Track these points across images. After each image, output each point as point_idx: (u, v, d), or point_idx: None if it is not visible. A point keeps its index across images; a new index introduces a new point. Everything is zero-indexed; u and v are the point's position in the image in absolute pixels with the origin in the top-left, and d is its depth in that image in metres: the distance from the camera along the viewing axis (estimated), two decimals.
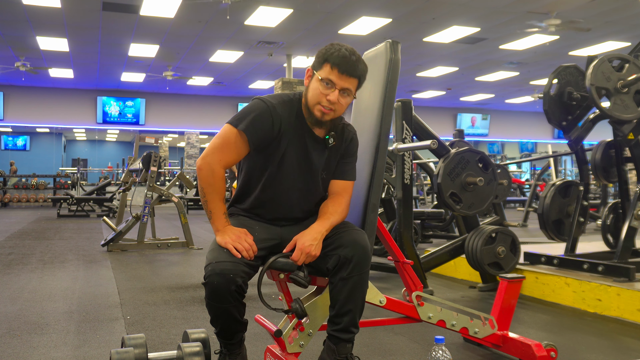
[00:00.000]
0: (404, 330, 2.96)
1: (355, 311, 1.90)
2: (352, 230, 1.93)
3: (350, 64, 1.88)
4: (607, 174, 4.45)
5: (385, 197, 5.32)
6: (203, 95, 18.75)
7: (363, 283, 1.89)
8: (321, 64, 1.91)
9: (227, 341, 1.96)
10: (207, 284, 1.80)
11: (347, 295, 1.87)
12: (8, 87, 17.05)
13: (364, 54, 2.39)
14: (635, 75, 3.67)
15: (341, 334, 1.91)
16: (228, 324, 1.89)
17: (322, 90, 1.89)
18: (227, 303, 1.81)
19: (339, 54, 1.88)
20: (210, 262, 1.81)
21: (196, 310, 3.42)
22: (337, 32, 11.17)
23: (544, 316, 3.42)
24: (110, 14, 10.15)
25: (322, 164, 2.02)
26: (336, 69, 1.87)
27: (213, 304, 1.82)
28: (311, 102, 1.92)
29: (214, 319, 1.89)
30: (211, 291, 1.79)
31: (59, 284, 4.22)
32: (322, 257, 1.91)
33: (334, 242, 1.90)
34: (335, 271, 1.87)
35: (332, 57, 1.89)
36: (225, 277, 1.77)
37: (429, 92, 18.39)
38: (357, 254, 1.85)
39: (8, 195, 14.94)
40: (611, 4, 9.62)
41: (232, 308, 1.83)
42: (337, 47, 1.91)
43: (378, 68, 2.19)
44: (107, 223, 6.32)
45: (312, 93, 1.92)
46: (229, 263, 1.79)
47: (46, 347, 2.65)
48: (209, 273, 1.79)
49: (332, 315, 1.92)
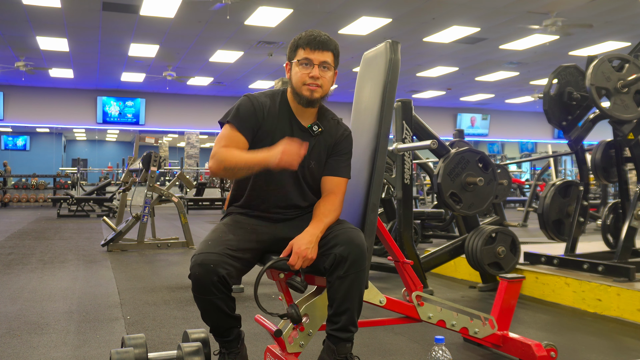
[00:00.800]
0: (404, 330, 2.96)
1: (353, 310, 1.90)
2: (348, 228, 1.93)
3: (319, 40, 1.98)
4: (607, 174, 4.45)
5: (385, 197, 5.31)
6: (203, 95, 18.74)
7: (360, 281, 1.89)
8: (295, 51, 2.01)
9: (223, 339, 1.98)
10: (190, 275, 1.87)
11: (345, 293, 1.87)
12: (8, 87, 17.05)
13: (364, 54, 2.39)
14: (635, 75, 3.67)
15: (340, 333, 1.90)
16: (217, 318, 1.92)
17: (303, 71, 1.98)
18: (210, 294, 1.85)
19: (306, 35, 2.00)
20: (194, 254, 1.89)
21: (196, 310, 3.40)
22: (337, 32, 11.17)
23: (544, 316, 3.42)
24: (110, 14, 10.15)
25: (316, 155, 2.05)
26: (308, 47, 1.98)
27: (198, 295, 1.87)
28: (297, 86, 2.00)
29: (203, 313, 1.93)
30: (194, 282, 1.85)
31: (59, 284, 4.22)
32: (319, 256, 1.91)
33: (329, 241, 1.91)
34: (332, 270, 1.87)
35: (301, 40, 2.00)
36: (206, 268, 1.83)
37: (429, 92, 18.39)
38: (353, 252, 1.85)
39: (8, 195, 14.94)
40: (611, 4, 9.62)
41: (218, 300, 1.87)
42: (303, 33, 2.02)
43: (378, 68, 2.18)
44: (107, 223, 6.32)
45: (295, 77, 2.01)
46: (212, 254, 1.85)
47: (46, 347, 2.65)
48: (192, 264, 1.86)
49: (331, 314, 1.92)
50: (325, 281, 2.06)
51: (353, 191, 2.15)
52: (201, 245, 1.92)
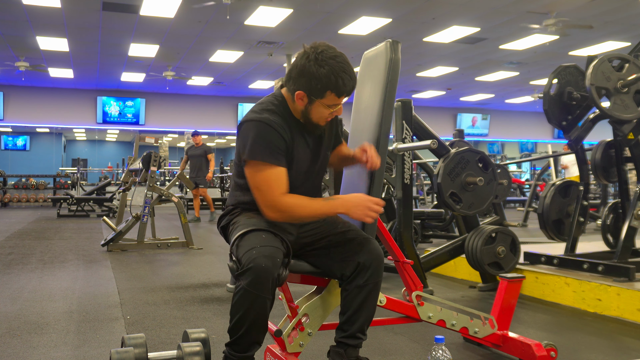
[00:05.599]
0: (404, 330, 2.96)
1: (366, 319, 1.96)
2: (365, 237, 1.99)
3: (351, 88, 1.88)
4: (607, 174, 4.44)
5: (385, 197, 5.31)
6: (203, 95, 18.75)
7: (377, 292, 1.96)
8: (323, 93, 1.85)
9: (243, 353, 1.81)
10: (251, 268, 1.69)
11: (361, 302, 1.92)
12: (8, 87, 17.05)
13: (364, 53, 2.39)
14: (635, 75, 3.67)
15: (349, 340, 1.95)
16: (255, 326, 1.77)
17: (327, 110, 1.90)
18: (267, 292, 1.71)
19: (343, 83, 1.85)
20: (254, 247, 1.73)
21: (196, 310, 3.42)
22: (337, 32, 11.17)
23: (544, 316, 3.42)
24: (110, 14, 10.16)
25: (328, 147, 2.09)
26: (341, 96, 1.88)
27: (252, 292, 1.70)
28: (315, 119, 1.92)
29: (243, 315, 1.74)
30: (256, 275, 1.69)
31: (59, 284, 4.22)
32: (337, 261, 1.95)
33: (349, 249, 1.95)
34: (352, 278, 1.92)
35: (335, 88, 1.85)
36: (274, 262, 1.70)
37: (429, 92, 18.39)
38: (375, 262, 1.92)
39: (8, 195, 14.93)
40: (611, 4, 9.62)
41: (269, 302, 1.74)
42: (337, 73, 1.83)
43: (378, 68, 2.18)
44: (107, 223, 6.31)
45: (317, 115, 1.91)
46: (275, 248, 1.74)
47: (46, 347, 2.65)
48: (255, 256, 1.70)
49: (342, 321, 1.96)
50: (325, 281, 2.09)
51: (353, 191, 2.15)
52: (257, 238, 1.76)
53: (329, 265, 1.99)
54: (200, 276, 4.65)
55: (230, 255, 1.85)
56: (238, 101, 19.08)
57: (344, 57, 1.87)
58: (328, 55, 1.83)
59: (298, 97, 1.89)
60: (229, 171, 13.60)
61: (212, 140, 23.80)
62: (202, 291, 4.01)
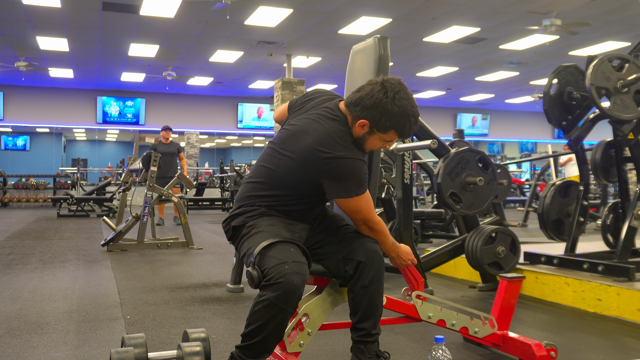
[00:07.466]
0: (404, 330, 2.96)
1: (376, 316, 2.03)
2: (364, 237, 2.04)
3: (412, 133, 2.06)
4: (607, 174, 4.44)
5: (385, 197, 5.31)
6: (203, 95, 18.74)
7: (381, 289, 2.03)
8: (387, 130, 1.96)
9: (252, 359, 1.82)
10: (281, 282, 1.70)
11: (369, 302, 1.99)
12: (8, 87, 17.04)
13: (352, 47, 2.41)
14: (635, 75, 3.67)
15: (366, 338, 2.02)
16: (272, 334, 1.79)
17: (382, 143, 2.01)
18: (291, 307, 1.74)
19: (409, 127, 1.97)
20: (284, 261, 1.74)
21: (196, 310, 3.42)
22: (337, 32, 11.17)
23: (544, 316, 3.42)
24: (110, 14, 10.15)
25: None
26: (401, 137, 2.02)
27: (279, 306, 1.72)
28: (367, 147, 2.01)
29: (263, 325, 1.76)
30: (285, 291, 1.70)
31: (59, 284, 4.22)
32: (339, 261, 2.00)
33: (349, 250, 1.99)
34: (356, 278, 1.97)
35: (401, 129, 1.96)
36: (303, 279, 1.75)
37: (429, 92, 18.39)
38: (376, 261, 1.98)
39: (8, 195, 14.93)
40: (611, 4, 9.62)
41: (289, 315, 1.78)
42: (407, 117, 1.94)
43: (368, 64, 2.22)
44: (107, 223, 6.31)
45: (371, 144, 2.00)
46: (304, 265, 1.79)
47: (46, 347, 2.65)
48: (287, 272, 1.71)
49: (355, 321, 2.03)
50: (326, 281, 2.11)
51: None
52: (286, 252, 1.79)
53: (330, 264, 2.03)
54: (200, 276, 4.65)
55: (251, 263, 1.81)
56: (238, 101, 19.07)
57: (414, 100, 1.98)
58: (403, 96, 1.93)
59: (360, 124, 1.95)
60: (229, 171, 13.61)
61: (212, 140, 23.83)
62: (202, 291, 4.01)
